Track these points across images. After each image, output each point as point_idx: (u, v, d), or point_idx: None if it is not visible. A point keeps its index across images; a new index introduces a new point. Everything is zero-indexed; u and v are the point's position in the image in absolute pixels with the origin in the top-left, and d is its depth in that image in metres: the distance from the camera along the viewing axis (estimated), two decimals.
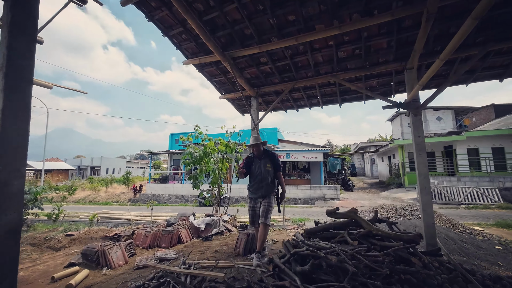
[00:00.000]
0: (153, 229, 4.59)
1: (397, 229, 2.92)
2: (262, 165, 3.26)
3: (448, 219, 5.04)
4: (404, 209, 5.72)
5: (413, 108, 3.11)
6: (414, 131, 3.13)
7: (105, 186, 22.19)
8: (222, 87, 4.88)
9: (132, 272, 3.22)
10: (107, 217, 10.39)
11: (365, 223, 2.87)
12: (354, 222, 3.03)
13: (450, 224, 4.80)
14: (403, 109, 3.22)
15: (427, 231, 2.94)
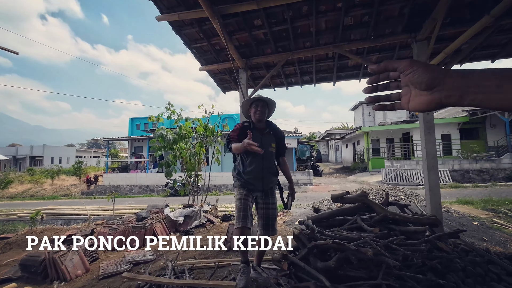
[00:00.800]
0: (120, 225, 3.79)
1: (409, 212, 2.75)
2: (264, 142, 2.07)
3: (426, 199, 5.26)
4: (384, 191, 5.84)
5: None
6: None
7: (50, 178, 19.18)
8: (203, 56, 4.12)
9: (97, 284, 2.49)
10: (55, 213, 8.83)
11: (378, 207, 2.61)
12: (365, 206, 2.76)
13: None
14: None
15: (434, 213, 2.82)
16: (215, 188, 13.55)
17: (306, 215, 5.55)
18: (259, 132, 2.14)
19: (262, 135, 2.14)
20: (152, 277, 1.78)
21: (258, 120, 2.14)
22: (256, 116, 2.13)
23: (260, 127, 2.18)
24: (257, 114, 2.12)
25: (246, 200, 2.05)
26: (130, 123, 20.43)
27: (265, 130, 2.18)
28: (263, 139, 2.12)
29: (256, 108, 2.13)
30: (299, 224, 3.83)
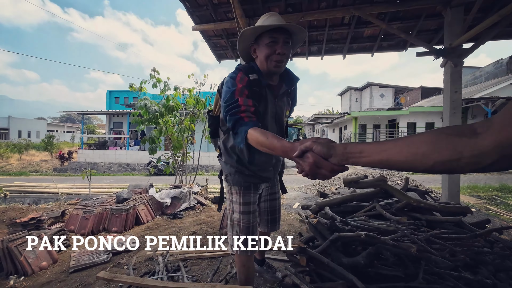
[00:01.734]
0: (97, 207, 3.27)
1: (431, 199, 2.51)
2: (278, 110, 1.28)
3: (421, 184, 5.22)
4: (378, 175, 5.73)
5: (455, 56, 2.54)
6: (451, 85, 2.61)
7: (18, 152, 17.54)
8: (197, 12, 3.45)
9: (67, 279, 2.04)
10: (22, 191, 7.97)
11: (399, 193, 2.33)
12: (382, 192, 2.47)
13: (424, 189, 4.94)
14: (442, 57, 2.63)
15: (451, 199, 2.61)
16: (201, 168, 13.08)
17: (301, 198, 5.33)
18: (272, 93, 1.23)
19: (276, 99, 1.24)
20: (138, 279, 1.36)
21: (275, 68, 1.14)
22: (274, 60, 1.11)
23: (273, 83, 1.24)
24: (277, 56, 1.10)
25: (255, 213, 1.37)
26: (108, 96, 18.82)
27: (281, 89, 1.25)
28: (277, 104, 1.26)
29: (275, 43, 1.09)
30: (302, 209, 3.54)
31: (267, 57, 1.12)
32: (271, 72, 1.17)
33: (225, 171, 1.38)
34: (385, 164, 0.55)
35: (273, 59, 1.11)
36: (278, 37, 1.09)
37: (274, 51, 1.09)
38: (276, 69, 1.14)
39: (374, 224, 1.80)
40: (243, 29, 1.14)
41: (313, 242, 2.02)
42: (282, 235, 2.83)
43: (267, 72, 1.17)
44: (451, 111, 2.63)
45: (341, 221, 1.89)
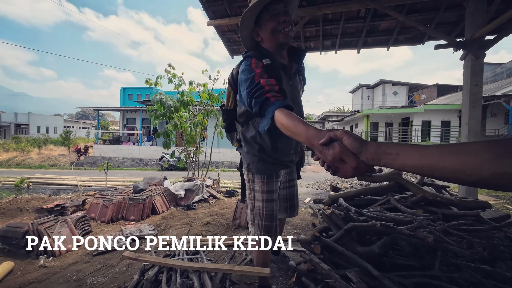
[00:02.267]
0: (116, 197, 3.41)
1: (447, 194, 2.48)
2: (294, 89, 1.27)
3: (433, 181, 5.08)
4: None
5: (476, 48, 2.47)
6: (472, 78, 2.55)
7: (37, 147, 18.35)
8: (212, 7, 3.50)
9: (91, 260, 2.16)
10: (43, 182, 8.37)
11: (414, 187, 2.31)
12: (397, 186, 2.46)
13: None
14: (463, 49, 2.57)
15: (468, 194, 2.56)
16: (212, 165, 13.25)
17: (311, 194, 5.33)
18: (285, 72, 1.20)
19: (290, 78, 1.22)
20: (161, 259, 1.44)
21: (283, 45, 1.15)
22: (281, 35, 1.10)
23: (285, 62, 1.21)
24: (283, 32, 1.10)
25: (277, 201, 1.38)
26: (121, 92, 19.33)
27: (292, 68, 1.23)
28: (292, 83, 1.24)
29: (278, 18, 1.09)
30: (313, 203, 3.56)
31: (274, 31, 1.10)
32: (281, 45, 1.15)
33: (246, 160, 1.38)
34: (426, 170, 0.49)
35: (280, 29, 1.09)
36: (277, 7, 1.09)
37: (278, 21, 1.09)
38: (286, 39, 1.12)
39: (390, 215, 1.81)
40: (241, 15, 1.13)
41: (327, 232, 2.05)
42: (293, 227, 2.87)
43: (278, 46, 1.16)
44: (471, 105, 2.57)
45: (356, 212, 1.90)
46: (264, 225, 1.32)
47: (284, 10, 1.11)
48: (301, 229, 2.83)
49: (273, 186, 1.34)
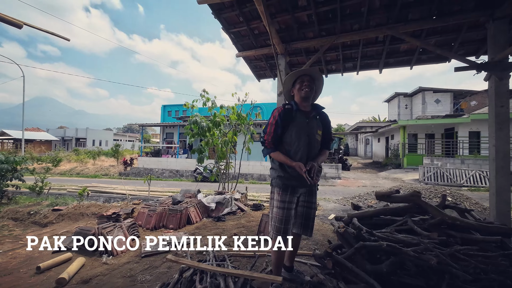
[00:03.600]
0: (158, 207, 3.96)
1: (471, 218, 2.44)
2: (310, 128, 1.78)
3: (477, 202, 4.72)
4: (427, 191, 5.35)
5: (500, 69, 2.46)
6: (496, 100, 2.51)
7: (92, 158, 21.05)
8: (241, 42, 3.99)
9: (140, 261, 2.63)
10: (98, 191, 9.66)
11: (434, 210, 2.34)
12: (416, 208, 2.50)
13: (482, 208, 4.47)
14: (485, 71, 2.56)
15: (500, 221, 2.46)
16: (241, 177, 13.73)
17: (337, 210, 5.33)
18: (304, 116, 1.80)
19: (307, 119, 1.80)
20: (195, 262, 1.79)
21: (304, 98, 1.79)
22: (302, 92, 1.78)
23: (305, 110, 1.83)
24: (303, 90, 1.77)
25: (290, 210, 1.77)
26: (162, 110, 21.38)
27: (311, 114, 1.83)
28: (309, 123, 1.80)
29: (302, 83, 1.79)
30: (335, 220, 3.66)
31: (299, 89, 1.82)
32: (303, 100, 1.82)
33: (271, 176, 1.90)
34: None
35: (302, 91, 1.80)
36: (304, 78, 1.83)
37: (302, 86, 1.80)
38: (304, 95, 1.79)
39: (399, 237, 1.91)
40: (286, 77, 1.92)
41: (341, 249, 2.21)
42: (315, 243, 3.03)
43: (301, 100, 1.82)
44: (497, 126, 2.51)
45: (367, 232, 2.04)
46: (275, 226, 1.76)
47: (308, 80, 1.80)
48: (322, 245, 2.97)
49: (286, 198, 1.76)
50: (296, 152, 1.76)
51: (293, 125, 1.77)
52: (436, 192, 5.34)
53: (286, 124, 1.77)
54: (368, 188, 10.38)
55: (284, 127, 1.77)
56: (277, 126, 1.76)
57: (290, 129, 1.77)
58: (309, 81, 1.79)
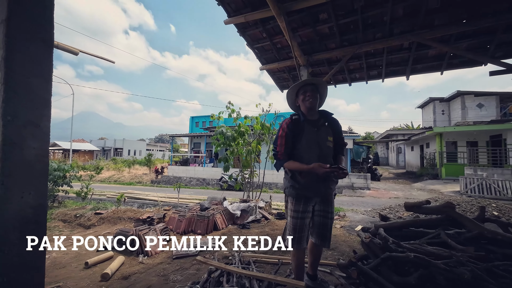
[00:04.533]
0: (187, 213, 4.20)
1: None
2: (320, 136, 1.77)
3: None
4: (468, 204, 4.91)
5: None
6: None
7: (127, 167, 22.76)
8: (264, 56, 4.19)
9: (172, 262, 2.82)
10: (132, 197, 10.41)
11: (471, 223, 2.19)
12: (450, 220, 2.36)
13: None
14: None
15: None
16: (265, 186, 13.77)
17: (365, 221, 5.11)
18: (312, 125, 1.78)
19: (316, 128, 1.78)
20: (223, 264, 1.91)
21: (309, 109, 1.77)
22: (306, 103, 1.76)
23: (312, 119, 1.81)
24: (307, 101, 1.75)
25: (304, 220, 1.76)
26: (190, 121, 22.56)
27: (319, 122, 1.81)
28: (318, 132, 1.77)
29: (305, 94, 1.77)
30: (362, 231, 3.55)
31: (303, 100, 1.81)
32: (308, 110, 1.81)
33: (284, 185, 1.93)
34: None
35: (306, 102, 1.79)
36: (307, 89, 1.80)
37: (306, 97, 1.79)
38: (309, 105, 1.78)
39: (428, 249, 1.84)
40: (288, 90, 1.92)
41: (367, 260, 2.17)
42: (340, 254, 2.97)
43: (307, 110, 1.82)
44: None
45: (394, 242, 1.99)
46: (295, 236, 1.80)
47: (312, 89, 1.79)
48: (347, 256, 2.91)
49: (300, 208, 1.77)
50: (309, 162, 1.70)
51: (303, 136, 1.76)
52: (480, 205, 4.85)
53: (295, 134, 1.76)
54: (401, 200, 9.72)
55: (294, 138, 1.76)
56: (288, 137, 1.75)
57: (300, 140, 1.76)
58: (312, 91, 1.78)
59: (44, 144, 0.82)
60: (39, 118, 0.80)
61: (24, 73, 0.79)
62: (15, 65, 0.80)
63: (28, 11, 0.83)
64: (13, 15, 0.81)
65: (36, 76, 0.80)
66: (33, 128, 0.79)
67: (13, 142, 0.74)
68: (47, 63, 0.85)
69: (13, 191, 0.74)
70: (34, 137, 0.80)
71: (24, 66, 0.80)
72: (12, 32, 0.80)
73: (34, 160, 0.79)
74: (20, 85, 0.78)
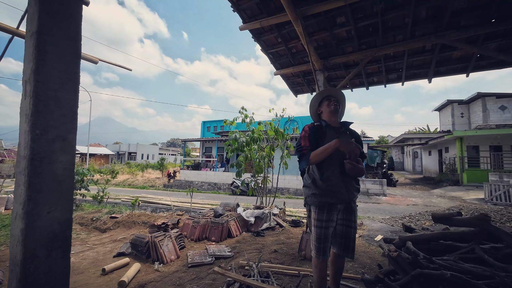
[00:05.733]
0: (201, 219, 4.17)
1: None
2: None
3: None
4: (498, 213, 4.59)
5: None
6: None
7: (141, 171, 23.26)
8: (279, 61, 4.15)
9: (187, 271, 2.78)
10: (146, 201, 10.57)
11: (509, 237, 2.01)
12: (485, 233, 2.19)
13: None
14: None
15: None
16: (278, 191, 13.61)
17: (385, 230, 4.89)
18: (334, 131, 1.81)
19: (338, 134, 1.80)
20: (241, 277, 1.84)
21: (333, 112, 1.84)
22: (332, 107, 1.84)
23: (334, 125, 1.86)
24: (332, 106, 1.84)
25: (328, 229, 1.73)
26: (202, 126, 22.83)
27: (341, 129, 1.86)
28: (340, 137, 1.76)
29: (330, 100, 1.87)
30: (384, 242, 3.38)
31: (328, 105, 1.88)
32: (331, 115, 1.87)
33: (305, 194, 1.86)
34: None
35: (331, 108, 1.86)
36: (331, 98, 1.90)
37: (330, 102, 1.88)
38: (334, 109, 1.86)
39: (466, 266, 1.70)
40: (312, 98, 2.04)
41: (394, 276, 2.03)
42: (361, 266, 2.83)
43: (330, 116, 1.87)
44: None
45: (425, 258, 1.85)
46: (315, 245, 1.75)
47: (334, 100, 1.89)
48: (369, 268, 2.76)
49: (323, 217, 1.74)
50: (329, 167, 1.73)
51: (325, 140, 1.75)
52: (510, 215, 4.52)
53: (318, 138, 1.78)
54: (420, 207, 9.29)
55: (316, 141, 1.77)
56: (311, 137, 1.78)
57: (322, 143, 1.74)
58: (335, 100, 1.88)
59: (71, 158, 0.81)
60: (67, 131, 0.79)
61: (53, 86, 0.78)
62: (44, 78, 0.79)
63: (58, 23, 0.82)
64: (44, 27, 0.81)
65: (65, 89, 0.79)
66: (62, 142, 0.78)
67: (42, 156, 0.73)
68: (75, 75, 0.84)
69: (41, 207, 0.72)
70: (63, 151, 0.78)
71: (53, 79, 0.79)
72: (42, 45, 0.79)
73: (62, 175, 0.77)
74: (50, 98, 0.77)
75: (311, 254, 1.81)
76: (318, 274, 1.79)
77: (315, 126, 1.84)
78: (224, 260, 3.06)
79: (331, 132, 1.80)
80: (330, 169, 1.73)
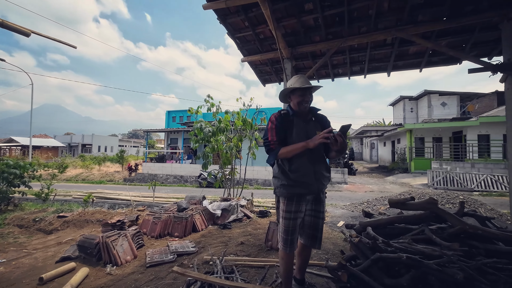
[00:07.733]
0: (163, 214, 3.89)
1: (493, 226, 2.30)
2: (310, 130, 1.74)
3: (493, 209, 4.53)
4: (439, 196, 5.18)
5: None
6: None
7: (98, 164, 21.18)
8: (246, 46, 3.96)
9: (145, 272, 2.54)
10: (103, 197, 9.64)
11: (453, 218, 2.22)
12: (433, 216, 2.38)
13: (498, 215, 4.28)
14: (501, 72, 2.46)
15: None
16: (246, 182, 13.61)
17: (346, 216, 5.19)
18: (302, 119, 1.76)
19: (305, 122, 1.76)
20: (203, 275, 1.70)
21: (302, 108, 1.74)
22: (302, 107, 1.73)
23: (302, 115, 1.79)
24: (303, 105, 1.72)
25: (296, 220, 1.69)
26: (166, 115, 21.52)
27: (308, 116, 1.80)
28: (307, 126, 1.75)
29: (303, 97, 1.71)
30: (345, 228, 3.53)
31: (299, 103, 1.73)
32: (299, 108, 1.75)
33: (274, 185, 1.78)
34: None
35: (302, 104, 1.73)
36: (305, 91, 1.72)
37: (303, 100, 1.72)
38: (304, 110, 1.76)
39: (419, 248, 1.80)
40: (283, 90, 1.83)
41: (355, 261, 2.10)
42: (325, 253, 2.91)
43: (297, 108, 1.76)
44: None
45: (384, 242, 1.93)
46: (283, 237, 1.70)
47: (310, 93, 1.75)
48: (332, 254, 2.85)
49: (292, 208, 1.69)
50: (299, 157, 1.67)
51: (293, 129, 1.72)
52: (449, 197, 5.15)
53: (285, 127, 1.72)
54: (376, 194, 10.17)
55: (284, 130, 1.72)
56: (278, 129, 1.71)
57: (291, 133, 1.72)
58: (310, 94, 1.76)
59: None
60: None
61: None
62: None
63: None
64: None
65: None
66: None
67: None
68: None
69: None
70: None
71: None
72: None
73: None
74: None
75: (278, 246, 1.74)
76: (284, 266, 1.75)
77: (281, 115, 1.76)
78: (187, 257, 2.88)
79: (298, 120, 1.75)
80: (300, 159, 1.67)
